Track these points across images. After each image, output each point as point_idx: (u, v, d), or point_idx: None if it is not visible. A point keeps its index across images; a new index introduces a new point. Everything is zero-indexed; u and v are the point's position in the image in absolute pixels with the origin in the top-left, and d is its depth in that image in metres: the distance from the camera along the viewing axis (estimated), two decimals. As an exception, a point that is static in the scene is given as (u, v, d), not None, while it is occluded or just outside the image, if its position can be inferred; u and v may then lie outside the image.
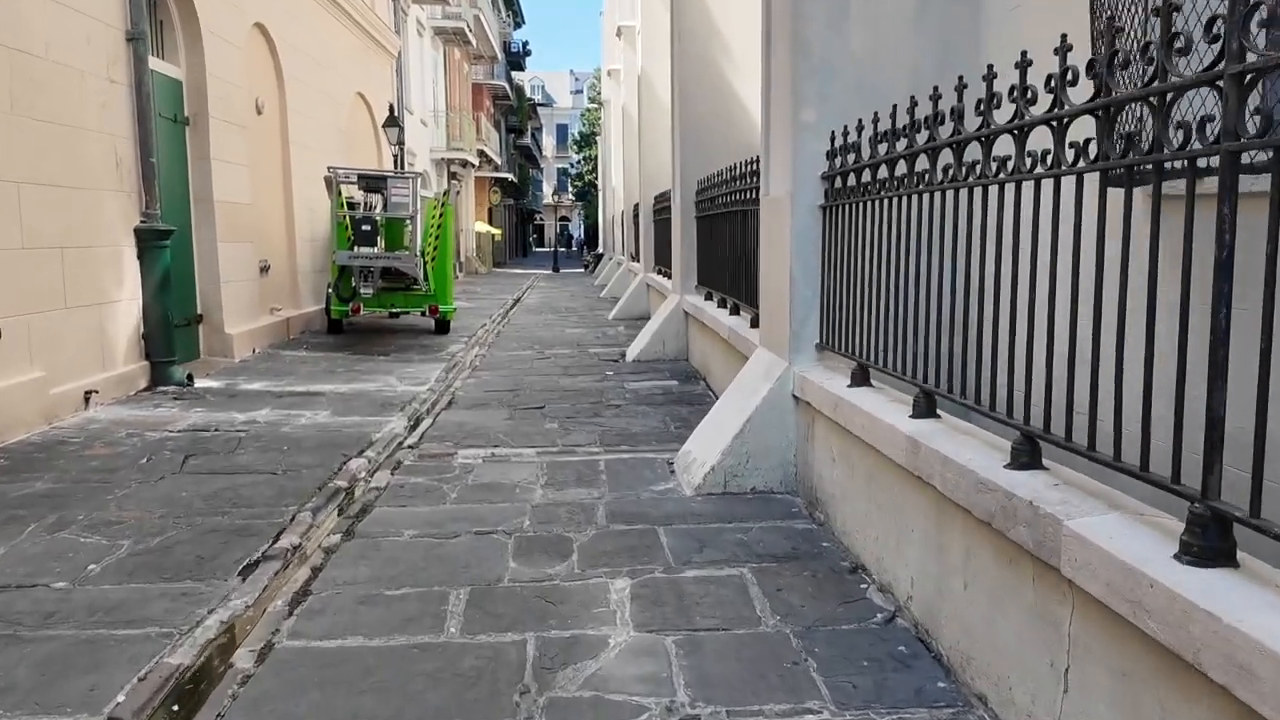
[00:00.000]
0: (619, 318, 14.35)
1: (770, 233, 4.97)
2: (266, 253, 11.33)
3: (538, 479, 5.08)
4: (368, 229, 10.64)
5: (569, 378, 8.65)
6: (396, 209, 10.78)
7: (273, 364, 9.54)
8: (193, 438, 6.10)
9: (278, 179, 11.90)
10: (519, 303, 18.72)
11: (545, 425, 6.51)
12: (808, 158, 4.40)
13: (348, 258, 10.62)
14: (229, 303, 9.81)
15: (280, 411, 7.01)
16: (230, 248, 9.90)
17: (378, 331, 12.36)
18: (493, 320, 14.58)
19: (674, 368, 9.09)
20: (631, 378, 8.56)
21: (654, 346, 9.59)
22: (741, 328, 6.43)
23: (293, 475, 5.16)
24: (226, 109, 9.90)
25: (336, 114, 14.23)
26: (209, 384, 8.22)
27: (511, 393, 7.87)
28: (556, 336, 12.15)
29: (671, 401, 7.34)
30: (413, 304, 11.57)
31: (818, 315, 4.52)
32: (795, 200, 4.49)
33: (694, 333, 9.22)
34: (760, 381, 4.81)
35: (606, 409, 7.08)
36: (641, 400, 7.42)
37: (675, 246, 9.87)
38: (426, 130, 24.47)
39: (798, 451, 4.61)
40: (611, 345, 11.10)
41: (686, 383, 8.20)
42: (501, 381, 8.49)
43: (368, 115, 16.66)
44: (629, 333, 12.35)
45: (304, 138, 12.47)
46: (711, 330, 7.72)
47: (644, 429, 6.35)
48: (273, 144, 11.73)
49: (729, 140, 9.18)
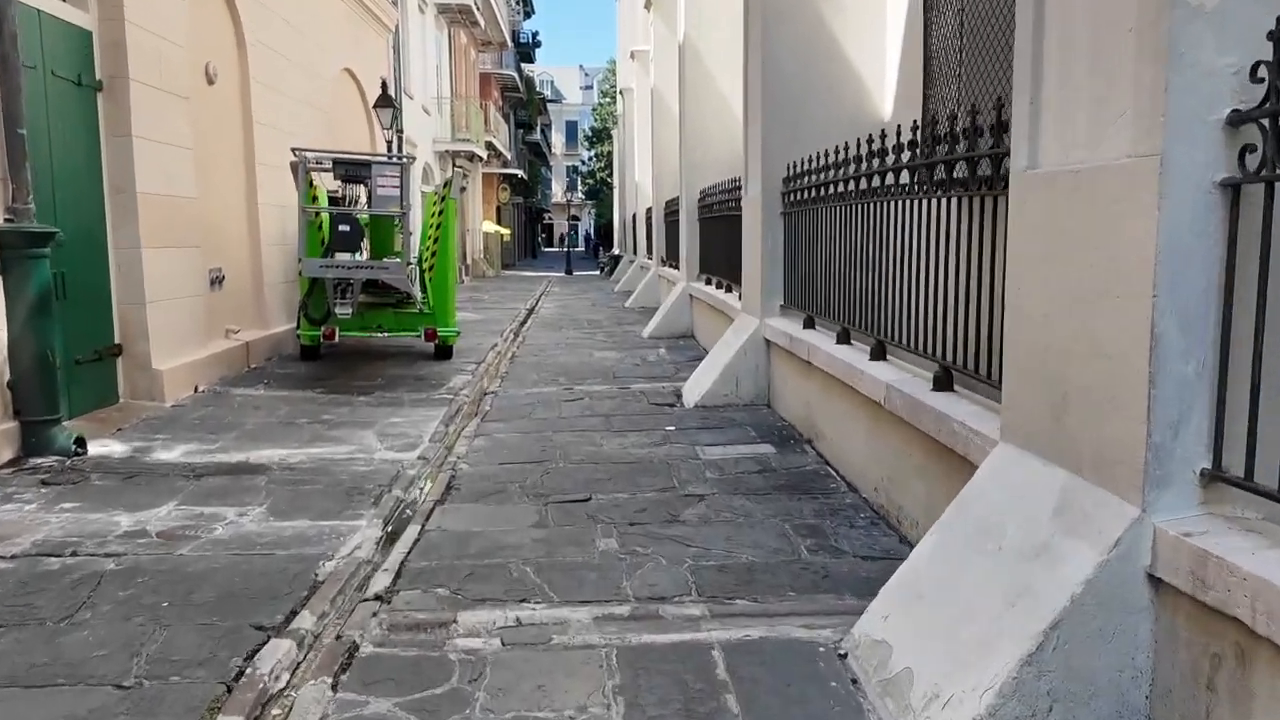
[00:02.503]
0: (656, 336, 11.94)
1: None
2: (220, 260, 8.94)
3: (606, 701, 2.69)
4: (346, 230, 8.23)
5: (614, 436, 6.24)
6: (383, 203, 8.36)
7: (215, 410, 7.16)
8: (25, 576, 3.71)
9: (237, 167, 9.51)
10: (533, 314, 16.30)
11: (598, 542, 4.11)
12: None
13: (319, 267, 8.22)
14: (159, 328, 7.43)
15: (192, 509, 4.62)
16: (162, 255, 7.52)
17: (363, 356, 9.97)
18: (504, 339, 12.18)
19: (757, 418, 6.68)
20: (702, 436, 6.15)
21: (722, 387, 7.18)
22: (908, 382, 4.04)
23: (149, 692, 2.77)
24: (158, 73, 7.52)
25: (316, 91, 11.84)
26: (110, 449, 5.84)
27: (538, 465, 5.46)
28: (585, 363, 9.74)
29: (780, 489, 4.92)
30: (405, 326, 9.17)
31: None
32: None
33: (786, 371, 6.82)
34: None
35: (685, 503, 4.67)
36: (733, 485, 5.00)
37: (751, 253, 7.46)
38: (429, 119, 22.05)
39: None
40: (658, 378, 8.69)
41: (785, 448, 5.79)
42: (522, 443, 6.09)
43: (357, 96, 14.27)
44: (674, 358, 9.94)
45: (273, 117, 10.08)
46: (844, 383, 5.33)
47: (760, 554, 3.93)
48: (230, 123, 9.35)
49: (830, 116, 6.80)
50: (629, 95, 25.64)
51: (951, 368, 3.87)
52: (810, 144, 6.56)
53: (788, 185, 6.69)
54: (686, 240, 12.04)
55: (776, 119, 6.87)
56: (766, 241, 7.01)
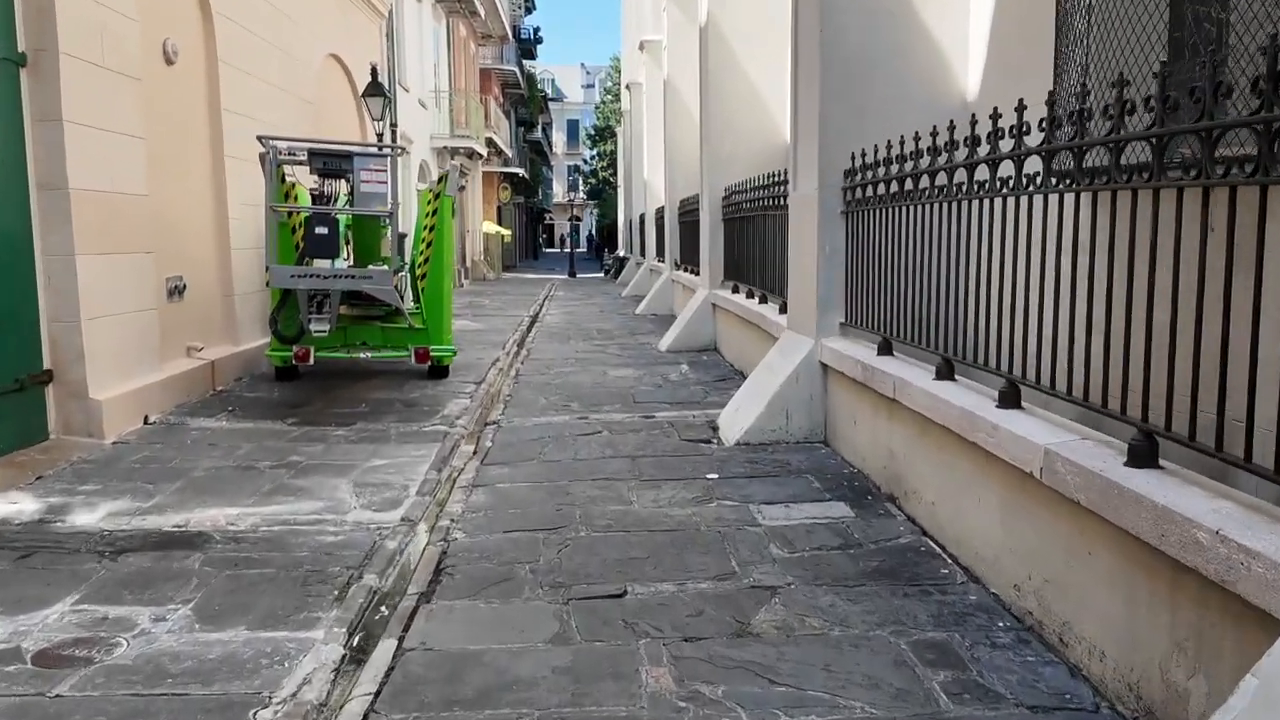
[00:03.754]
0: (676, 349, 10.75)
1: None
2: (181, 267, 7.78)
3: None
4: (324, 233, 7.03)
5: (645, 487, 5.06)
6: (368, 201, 7.17)
7: (163, 449, 5.98)
8: None
9: (202, 160, 8.34)
10: (537, 322, 15.12)
11: (643, 676, 2.92)
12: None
13: (289, 276, 7.03)
14: (99, 350, 6.26)
15: (95, 610, 3.45)
16: (103, 263, 6.35)
17: (346, 374, 8.78)
18: (506, 352, 11.00)
19: (816, 462, 5.50)
20: (755, 489, 4.97)
21: (769, 421, 6.00)
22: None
23: None
24: (99, 47, 6.35)
25: (299, 78, 10.66)
26: (17, 508, 4.67)
27: (553, 534, 4.28)
28: (600, 384, 8.56)
29: (876, 576, 3.73)
30: (393, 343, 7.99)
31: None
32: None
33: (854, 406, 5.66)
34: None
35: (754, 601, 3.48)
36: (812, 569, 3.81)
37: (802, 261, 6.28)
38: (426, 114, 20.86)
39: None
40: (685, 404, 7.51)
41: (864, 509, 4.60)
42: (531, 497, 4.91)
43: (346, 86, 13.10)
44: (699, 377, 8.76)
45: (246, 104, 8.91)
46: (958, 435, 4.17)
47: (881, 703, 2.73)
48: (193, 110, 8.17)
49: (903, 95, 5.66)
50: (636, 90, 24.42)
51: (1157, 432, 2.70)
52: (879, 129, 5.42)
53: (853, 179, 5.51)
54: (709, 243, 10.85)
55: (838, 99, 5.70)
56: (823, 247, 5.83)
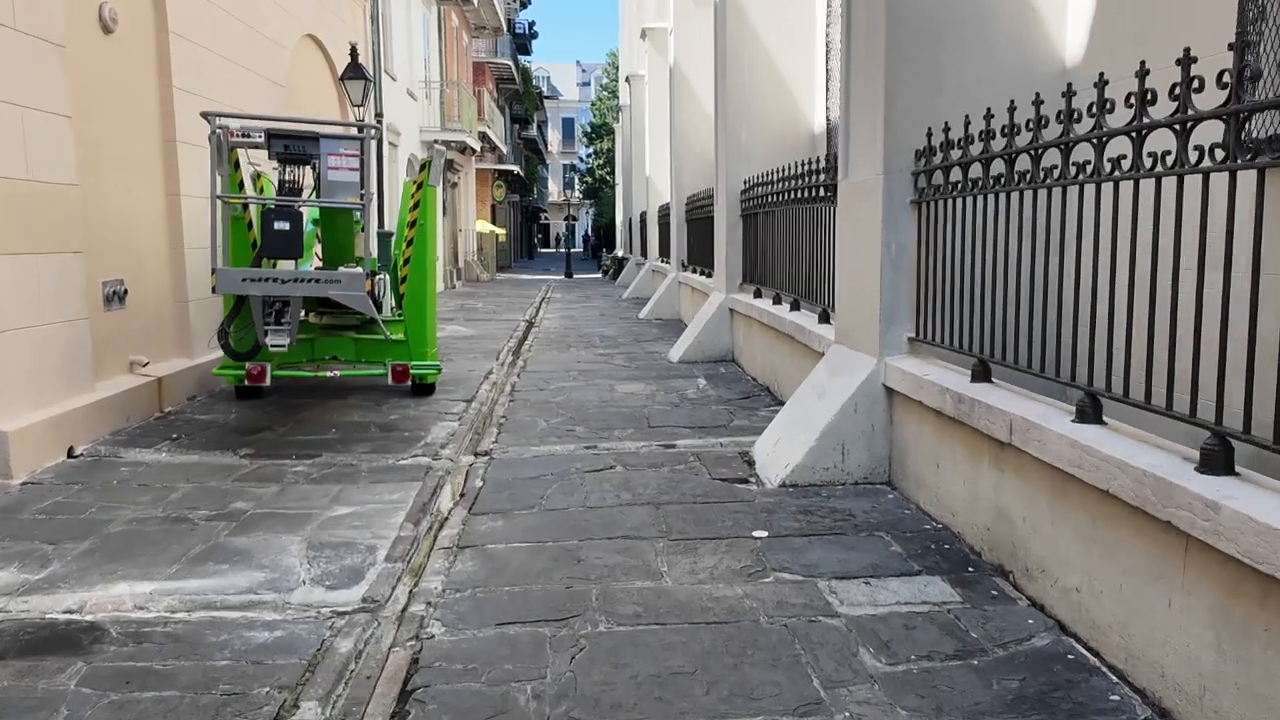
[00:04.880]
0: (689, 360, 9.67)
1: None
2: (122, 269, 6.70)
3: None
4: (285, 228, 5.93)
5: (678, 553, 3.97)
6: (335, 191, 6.08)
7: (79, 493, 4.89)
8: None
9: (148, 145, 7.25)
10: (534, 327, 14.03)
11: None
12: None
13: (239, 281, 5.93)
14: (8, 369, 5.17)
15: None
16: (15, 265, 5.27)
17: (317, 390, 7.68)
18: (501, 363, 9.92)
19: (886, 512, 4.42)
20: (819, 555, 3.89)
21: (821, 458, 4.92)
22: None
23: None
24: (9, 6, 5.26)
25: (269, 58, 9.56)
26: None
27: (562, 627, 3.20)
28: (607, 402, 7.48)
29: (1018, 708, 2.66)
30: (368, 356, 6.90)
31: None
32: None
33: (937, 444, 4.61)
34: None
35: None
36: (929, 696, 2.73)
37: (859, 264, 5.21)
38: (415, 106, 19.75)
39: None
40: (709, 428, 6.43)
41: (970, 590, 3.52)
42: (530, 566, 3.82)
43: (325, 70, 12.00)
44: (721, 394, 7.69)
45: (202, 83, 7.81)
46: (1137, 508, 3.11)
47: None
48: (138, 87, 7.08)
49: (987, 64, 4.63)
50: (637, 82, 23.35)
51: None
52: (958, 104, 4.39)
53: (929, 161, 4.45)
54: (725, 242, 9.78)
55: (908, 66, 4.64)
56: (888, 245, 4.76)
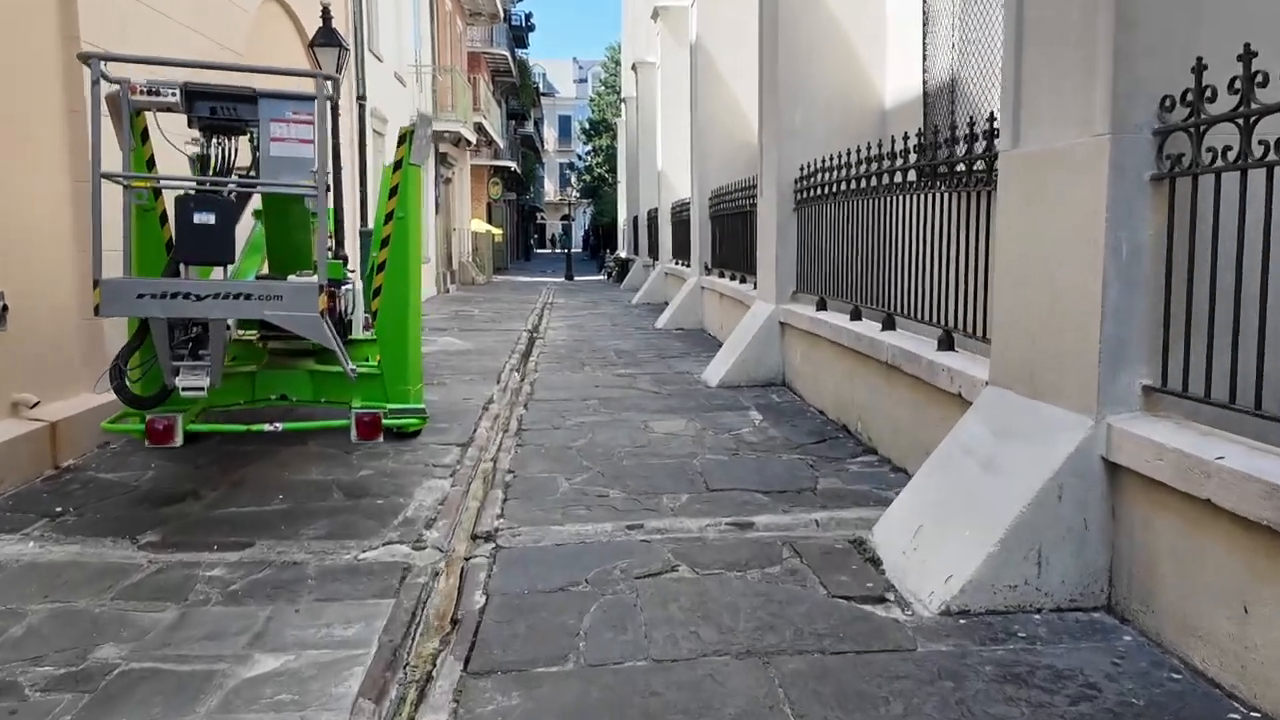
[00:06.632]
0: (731, 384, 7.96)
1: None
2: (2, 279, 5.00)
3: None
4: (208, 221, 4.18)
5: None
6: (279, 170, 4.31)
7: None
8: None
9: (46, 122, 5.55)
10: (538, 338, 12.31)
11: None
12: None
13: (134, 297, 4.13)
14: None
15: None
16: None
17: (257, 446, 5.93)
18: (503, 387, 8.21)
19: (1137, 675, 2.74)
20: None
21: (1004, 568, 3.23)
22: None
23: None
24: None
25: (223, 20, 7.85)
26: None
27: None
28: (644, 446, 5.78)
29: None
30: (328, 395, 5.16)
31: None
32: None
33: (1219, 558, 2.92)
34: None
35: None
36: None
37: (1060, 267, 3.54)
38: (405, 92, 18.01)
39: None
40: (793, 494, 4.74)
41: None
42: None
43: (296, 39, 10.28)
44: (788, 435, 5.99)
45: (125, 41, 6.10)
46: None
47: None
48: (30, 46, 5.38)
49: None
50: (646, 70, 21.65)
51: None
52: (1229, 38, 2.75)
53: (1203, 114, 2.78)
54: (774, 242, 8.07)
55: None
56: (1114, 249, 3.09)
